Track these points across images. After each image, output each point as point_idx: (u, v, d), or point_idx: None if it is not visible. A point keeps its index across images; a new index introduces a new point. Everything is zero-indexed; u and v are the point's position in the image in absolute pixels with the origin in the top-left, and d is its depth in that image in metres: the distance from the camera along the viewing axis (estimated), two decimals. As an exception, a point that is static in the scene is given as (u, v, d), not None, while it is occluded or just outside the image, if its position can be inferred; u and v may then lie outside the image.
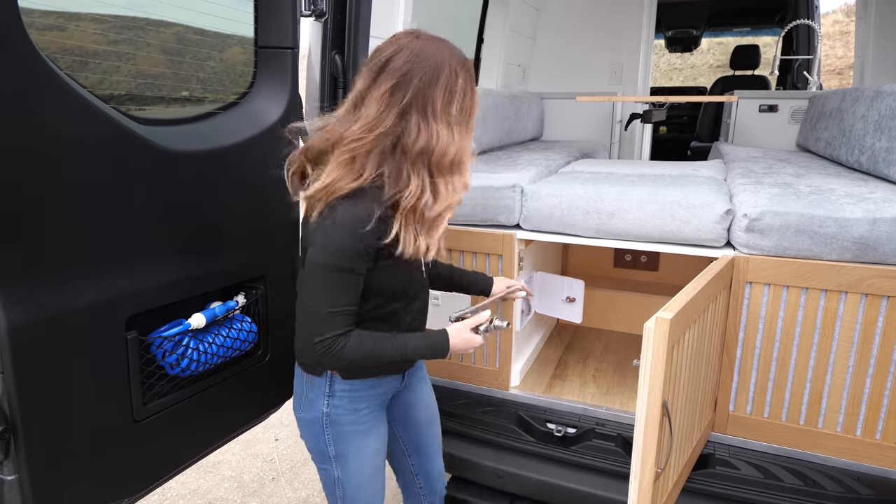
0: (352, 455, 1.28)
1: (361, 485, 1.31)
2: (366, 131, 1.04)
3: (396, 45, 1.08)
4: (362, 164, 1.05)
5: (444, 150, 1.07)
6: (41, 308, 1.00)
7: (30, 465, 1.02)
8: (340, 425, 1.26)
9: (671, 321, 1.04)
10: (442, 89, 1.07)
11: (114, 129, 1.08)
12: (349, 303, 1.09)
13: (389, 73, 1.05)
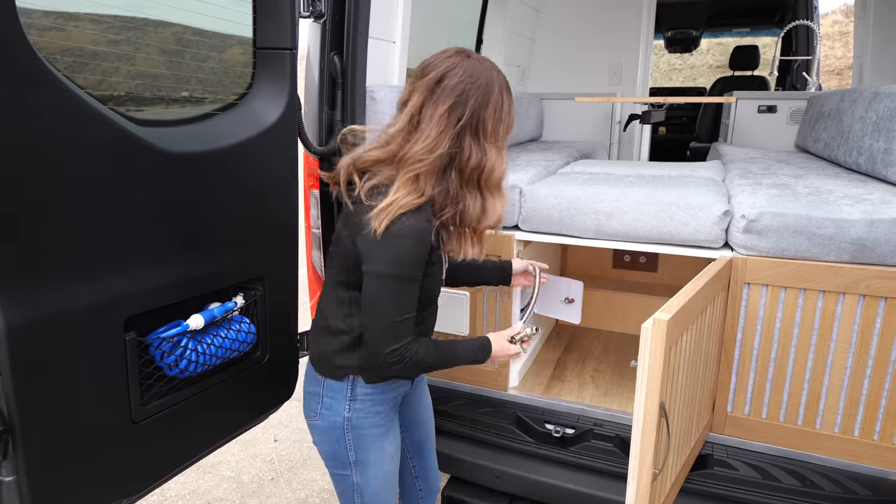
0: (372, 460, 1.29)
1: (380, 490, 1.32)
2: (427, 152, 1.10)
3: (449, 62, 1.12)
4: (424, 182, 1.11)
5: (493, 168, 1.14)
6: (39, 309, 1.00)
7: (28, 467, 1.02)
8: (361, 429, 1.27)
9: (668, 322, 1.05)
10: (492, 111, 1.13)
11: (111, 130, 1.08)
12: (413, 309, 1.15)
13: (446, 92, 1.10)
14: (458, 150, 1.11)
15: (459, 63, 1.11)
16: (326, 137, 1.74)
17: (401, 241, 1.09)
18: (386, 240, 1.09)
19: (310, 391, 1.31)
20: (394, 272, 1.10)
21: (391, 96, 1.82)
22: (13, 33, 0.90)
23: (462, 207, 1.14)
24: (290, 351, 1.65)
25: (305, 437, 2.78)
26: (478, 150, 1.12)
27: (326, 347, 1.25)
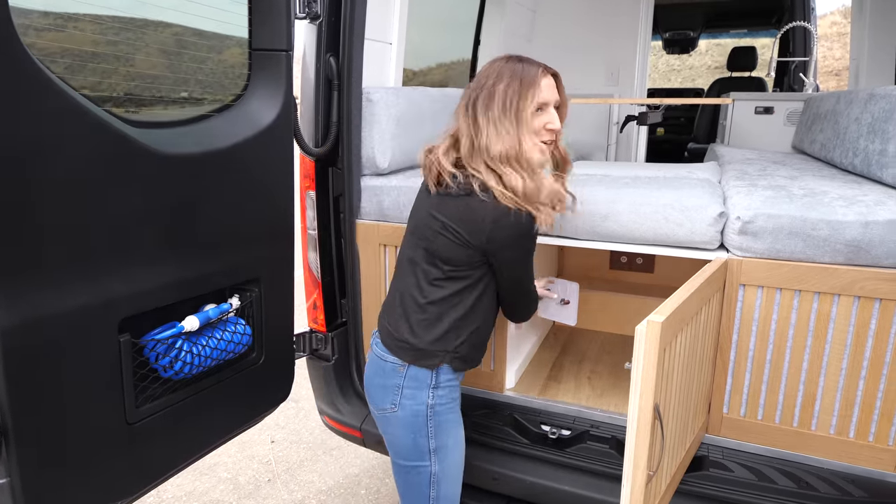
0: (451, 445, 1.35)
1: (455, 478, 1.38)
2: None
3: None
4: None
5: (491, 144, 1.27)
6: (33, 310, 1.00)
7: (21, 469, 1.02)
8: (442, 415, 1.33)
9: (662, 324, 1.05)
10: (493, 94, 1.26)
11: (106, 131, 1.08)
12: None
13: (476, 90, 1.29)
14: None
15: (480, 72, 1.30)
16: (322, 139, 1.74)
17: (529, 224, 1.27)
18: (517, 224, 1.25)
19: (385, 384, 1.33)
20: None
21: (387, 97, 1.82)
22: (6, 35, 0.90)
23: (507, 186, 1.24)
24: (287, 352, 1.65)
25: (302, 439, 2.78)
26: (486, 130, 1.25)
27: (420, 337, 1.31)
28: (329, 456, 2.65)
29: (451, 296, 1.29)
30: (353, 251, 1.82)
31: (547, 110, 1.28)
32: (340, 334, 1.88)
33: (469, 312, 1.32)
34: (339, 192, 1.80)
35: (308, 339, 1.85)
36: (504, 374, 1.82)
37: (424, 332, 1.30)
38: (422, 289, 1.31)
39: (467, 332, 1.32)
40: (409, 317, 1.32)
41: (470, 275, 1.29)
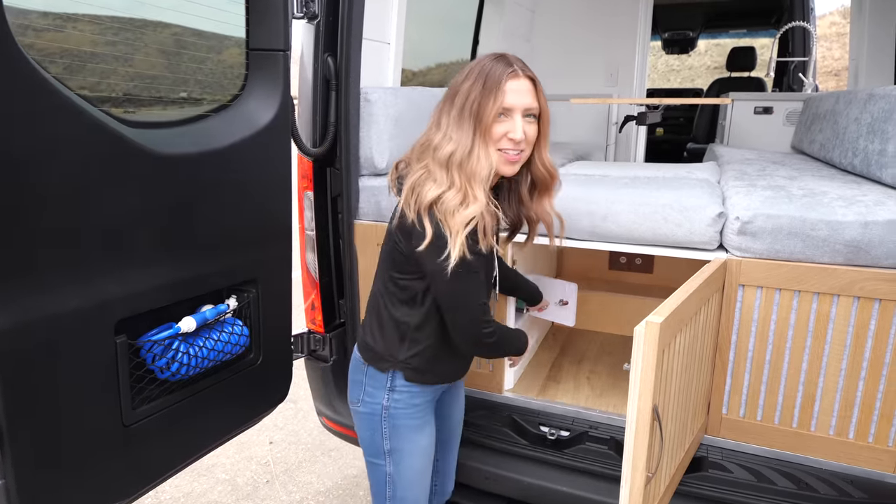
0: (406, 450, 1.32)
1: (412, 483, 1.35)
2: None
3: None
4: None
5: (438, 147, 1.17)
6: (28, 312, 1.00)
7: (17, 471, 1.02)
8: (398, 419, 1.31)
9: (661, 325, 1.04)
10: (455, 95, 1.16)
11: (101, 132, 1.08)
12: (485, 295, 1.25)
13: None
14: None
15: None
16: (320, 139, 1.73)
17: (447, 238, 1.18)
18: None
19: (354, 379, 1.35)
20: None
21: (385, 97, 1.81)
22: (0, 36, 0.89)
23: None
24: (284, 353, 1.64)
25: (301, 440, 2.77)
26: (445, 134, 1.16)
27: (376, 340, 1.29)
28: (327, 457, 2.64)
29: (401, 304, 1.24)
30: (352, 252, 1.81)
31: (511, 117, 1.13)
32: (338, 335, 1.87)
33: (421, 325, 1.25)
34: (337, 192, 1.79)
35: (306, 340, 1.85)
36: (503, 374, 1.81)
37: (380, 335, 1.28)
38: (383, 294, 1.28)
39: (420, 346, 1.26)
40: (371, 318, 1.32)
41: (413, 286, 1.21)
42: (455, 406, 1.52)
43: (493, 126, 1.12)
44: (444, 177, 1.12)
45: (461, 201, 1.09)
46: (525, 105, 1.13)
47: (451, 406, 1.50)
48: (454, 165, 1.11)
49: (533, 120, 1.16)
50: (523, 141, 1.14)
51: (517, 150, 1.15)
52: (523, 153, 1.17)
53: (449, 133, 1.13)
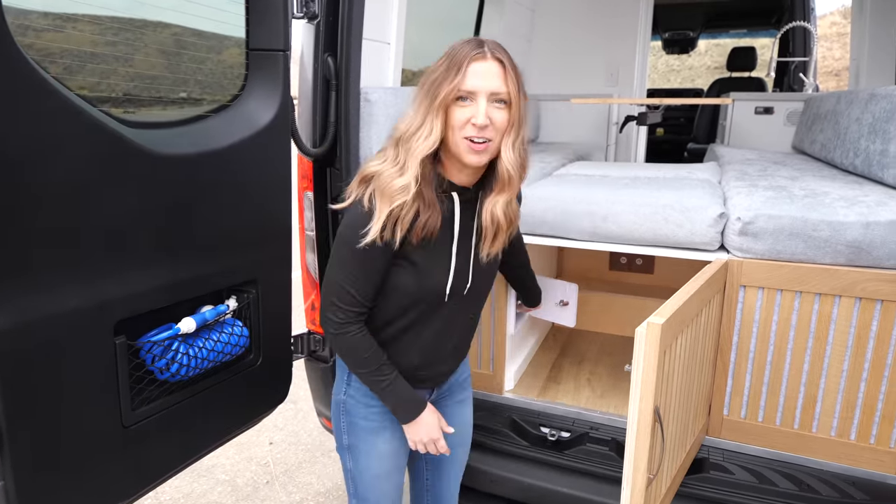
0: (363, 450, 1.28)
1: (372, 484, 1.30)
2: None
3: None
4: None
5: (400, 127, 1.10)
6: (27, 313, 0.99)
7: (16, 473, 1.01)
8: (353, 416, 1.27)
9: (662, 326, 1.04)
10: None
11: (100, 132, 1.07)
12: (362, 287, 1.15)
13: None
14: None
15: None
16: (320, 139, 1.73)
17: (353, 212, 1.10)
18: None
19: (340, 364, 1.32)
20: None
21: (385, 98, 1.81)
22: None
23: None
24: (284, 354, 1.64)
25: (301, 441, 2.77)
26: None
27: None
28: (327, 458, 2.63)
29: None
30: (352, 252, 1.81)
31: (475, 101, 1.03)
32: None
33: (372, 318, 1.19)
34: (337, 192, 1.79)
35: (306, 341, 1.84)
36: (503, 375, 1.81)
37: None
38: None
39: (385, 340, 1.21)
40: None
41: None
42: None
43: (455, 110, 1.04)
44: (392, 154, 1.08)
45: (397, 175, 1.05)
46: (490, 88, 1.03)
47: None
48: (402, 142, 1.07)
49: (502, 106, 1.05)
50: (489, 127, 1.04)
51: (482, 137, 1.04)
52: (491, 143, 1.06)
53: (408, 111, 1.09)
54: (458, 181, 1.14)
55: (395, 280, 1.15)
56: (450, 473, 1.46)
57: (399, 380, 1.20)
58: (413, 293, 1.16)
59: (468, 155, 1.06)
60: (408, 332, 1.21)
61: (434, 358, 1.26)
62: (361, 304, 1.14)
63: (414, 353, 1.23)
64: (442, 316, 1.21)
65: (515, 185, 1.14)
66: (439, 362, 1.28)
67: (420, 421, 1.22)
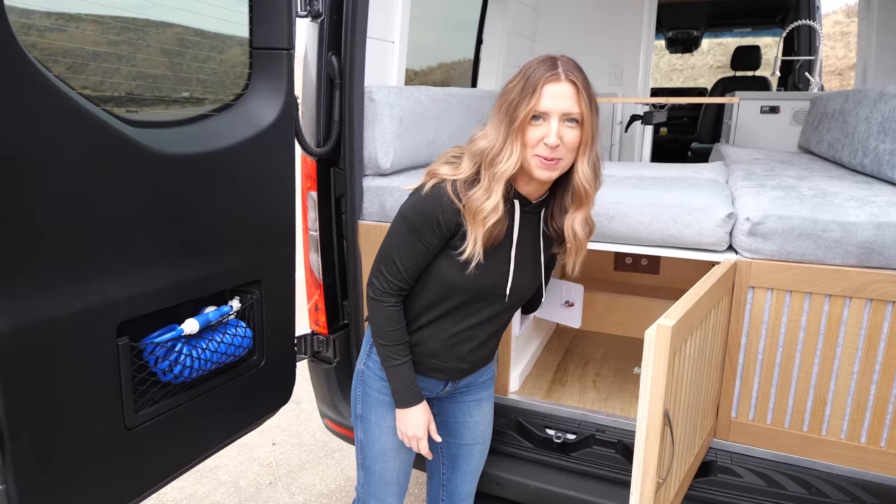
0: (373, 421, 1.34)
1: (379, 457, 1.36)
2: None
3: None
4: (464, 161, 1.20)
5: (482, 147, 1.15)
6: (30, 314, 0.98)
7: (17, 475, 1.00)
8: (368, 387, 1.34)
9: (673, 328, 1.02)
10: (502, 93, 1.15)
11: (104, 132, 1.06)
12: (409, 268, 1.22)
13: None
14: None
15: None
16: (324, 139, 1.72)
17: (422, 195, 1.17)
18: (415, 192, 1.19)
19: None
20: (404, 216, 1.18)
21: (389, 97, 1.80)
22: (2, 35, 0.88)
23: (469, 189, 1.14)
24: (288, 355, 1.63)
25: (304, 441, 2.76)
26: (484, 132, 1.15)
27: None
28: (330, 459, 2.62)
29: (419, 282, 1.25)
30: (355, 252, 1.80)
31: (547, 121, 1.09)
32: (342, 336, 1.85)
33: (425, 309, 1.26)
34: (340, 192, 1.78)
35: (309, 342, 1.83)
36: (508, 377, 1.79)
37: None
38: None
39: (413, 326, 1.27)
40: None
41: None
42: (463, 427, 1.44)
43: (528, 129, 1.10)
44: (469, 166, 1.15)
45: (485, 198, 1.11)
46: (563, 109, 1.09)
47: (458, 426, 1.44)
48: (486, 162, 1.12)
49: (574, 125, 1.10)
50: (560, 147, 1.09)
51: (553, 155, 1.10)
52: (561, 160, 1.11)
53: (487, 130, 1.14)
54: (524, 192, 1.19)
55: (438, 267, 1.20)
56: (465, 470, 1.48)
57: (408, 366, 1.26)
58: (453, 285, 1.21)
59: (538, 170, 1.12)
60: (437, 322, 1.26)
61: (452, 353, 1.30)
62: (404, 279, 1.21)
63: (435, 342, 1.28)
64: (472, 315, 1.27)
65: (592, 200, 1.20)
66: (456, 359, 1.32)
67: (408, 413, 1.27)
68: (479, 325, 1.28)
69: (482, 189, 1.12)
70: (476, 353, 1.33)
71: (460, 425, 1.45)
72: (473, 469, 1.49)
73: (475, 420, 1.45)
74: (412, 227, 1.16)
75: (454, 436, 1.45)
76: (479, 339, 1.30)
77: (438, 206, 1.14)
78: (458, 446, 1.46)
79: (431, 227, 1.15)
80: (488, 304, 1.26)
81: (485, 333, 1.31)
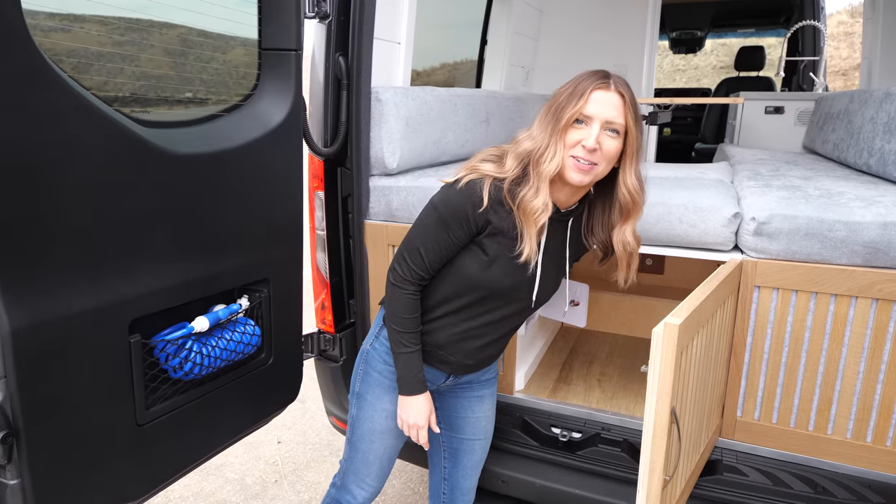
0: (368, 401, 1.36)
1: (366, 436, 1.38)
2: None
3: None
4: (509, 160, 1.21)
5: (531, 150, 1.17)
6: (44, 311, 1.00)
7: (32, 470, 1.02)
8: (371, 367, 1.36)
9: (680, 327, 1.03)
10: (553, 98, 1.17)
11: (117, 131, 1.07)
12: (432, 259, 1.23)
13: None
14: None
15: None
16: (331, 139, 1.73)
17: (456, 188, 1.17)
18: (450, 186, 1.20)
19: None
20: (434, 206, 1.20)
21: (396, 97, 1.81)
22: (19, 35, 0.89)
23: (518, 189, 1.16)
24: (295, 353, 1.64)
25: (309, 440, 2.77)
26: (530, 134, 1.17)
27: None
28: (336, 457, 2.64)
29: (440, 274, 1.27)
30: (362, 252, 1.81)
31: (589, 125, 1.11)
32: (348, 335, 1.86)
33: (441, 302, 1.27)
34: (347, 192, 1.79)
35: (316, 340, 1.84)
36: (513, 375, 1.80)
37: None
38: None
39: (427, 317, 1.29)
40: None
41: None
42: (465, 421, 1.46)
43: (569, 130, 1.12)
44: (514, 165, 1.16)
45: (533, 197, 1.13)
46: (606, 116, 1.10)
47: (459, 420, 1.46)
48: (532, 163, 1.14)
49: (615, 135, 1.12)
50: (597, 152, 1.11)
51: (589, 160, 1.11)
52: (596, 167, 1.12)
53: (532, 132, 1.17)
54: (555, 199, 1.20)
55: (460, 262, 1.22)
56: (466, 464, 1.50)
57: (416, 356, 1.27)
58: (473, 282, 1.22)
59: (572, 171, 1.13)
60: (450, 316, 1.28)
61: (459, 348, 1.32)
62: (427, 269, 1.23)
63: (444, 335, 1.30)
64: (486, 314, 1.28)
65: (640, 209, 1.22)
66: (463, 354, 1.33)
67: (411, 401, 1.29)
68: (490, 324, 1.29)
69: (532, 189, 1.14)
70: (483, 352, 1.34)
71: (462, 420, 1.47)
72: (475, 464, 1.51)
73: (476, 416, 1.47)
74: (442, 218, 1.18)
75: (455, 430, 1.47)
76: (488, 338, 1.32)
77: (469, 202, 1.15)
78: (459, 441, 1.48)
79: (460, 221, 1.17)
80: (503, 305, 1.27)
81: (495, 333, 1.32)
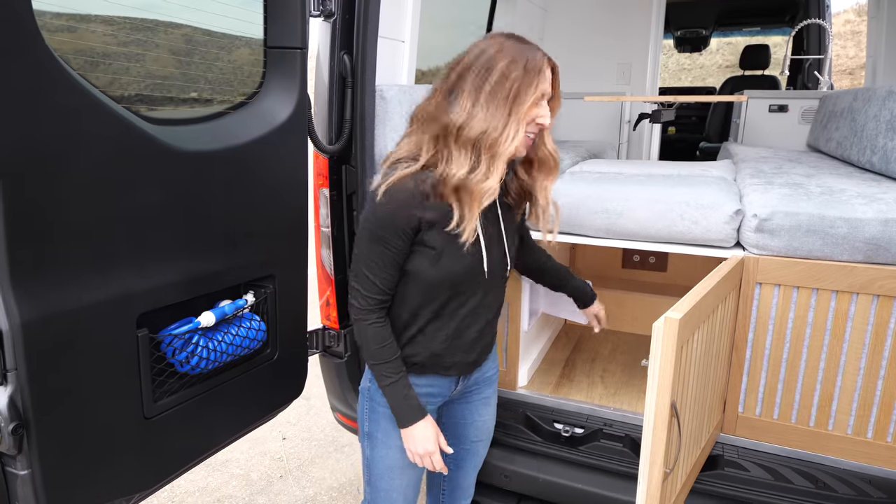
0: (380, 439, 1.30)
1: (385, 474, 1.32)
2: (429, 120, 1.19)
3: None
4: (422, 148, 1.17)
5: (471, 128, 1.11)
6: (53, 305, 1.01)
7: (42, 461, 1.04)
8: (376, 402, 1.29)
9: (680, 321, 1.04)
10: (487, 76, 1.10)
11: (125, 128, 1.09)
12: (383, 275, 1.19)
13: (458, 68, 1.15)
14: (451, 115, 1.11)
15: (477, 43, 1.14)
16: (336, 136, 1.74)
17: (381, 200, 1.12)
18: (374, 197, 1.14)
19: None
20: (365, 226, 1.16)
21: (400, 95, 1.82)
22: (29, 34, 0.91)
23: (444, 169, 1.11)
24: (300, 349, 1.66)
25: (314, 436, 2.79)
26: (463, 112, 1.10)
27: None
28: (340, 453, 2.65)
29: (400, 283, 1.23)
30: (366, 248, 1.82)
31: (542, 103, 1.14)
32: (353, 332, 1.88)
33: (400, 302, 1.22)
34: (352, 189, 1.80)
35: (321, 336, 1.86)
36: (516, 371, 1.82)
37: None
38: None
39: (399, 326, 1.24)
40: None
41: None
42: (470, 427, 1.43)
43: (532, 109, 1.12)
44: (466, 157, 1.10)
45: (484, 179, 1.10)
46: (549, 91, 1.15)
47: (465, 427, 1.43)
48: (483, 145, 1.09)
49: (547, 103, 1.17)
50: (547, 126, 1.17)
51: (534, 132, 1.16)
52: (539, 137, 1.19)
53: (475, 112, 1.08)
54: None
55: (412, 268, 1.17)
56: (468, 467, 1.48)
57: (402, 382, 1.21)
58: (432, 279, 1.17)
59: (523, 148, 1.16)
60: (431, 324, 1.23)
61: (456, 348, 1.27)
62: (381, 290, 1.18)
63: (436, 344, 1.25)
64: (462, 307, 1.23)
65: (559, 165, 1.27)
66: (463, 352, 1.28)
67: (414, 431, 1.22)
68: (471, 314, 1.25)
69: (481, 172, 1.09)
70: (480, 342, 1.30)
71: (468, 426, 1.42)
72: (475, 463, 1.49)
73: (483, 419, 1.44)
74: (375, 235, 1.14)
75: (461, 440, 1.43)
76: (477, 327, 1.27)
77: (395, 208, 1.11)
78: (465, 450, 1.44)
79: (395, 230, 1.12)
80: (472, 291, 1.23)
81: (482, 320, 1.28)
